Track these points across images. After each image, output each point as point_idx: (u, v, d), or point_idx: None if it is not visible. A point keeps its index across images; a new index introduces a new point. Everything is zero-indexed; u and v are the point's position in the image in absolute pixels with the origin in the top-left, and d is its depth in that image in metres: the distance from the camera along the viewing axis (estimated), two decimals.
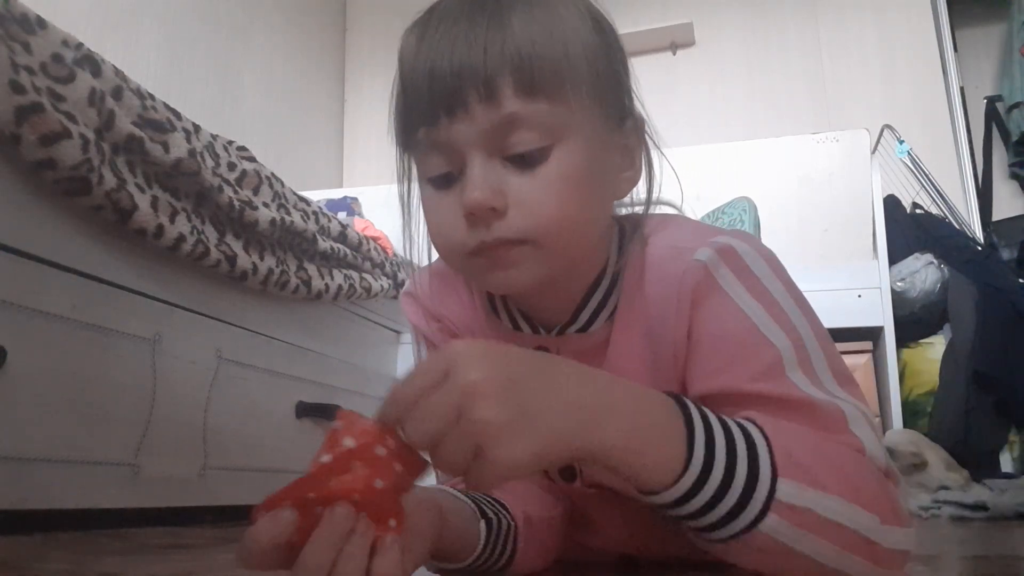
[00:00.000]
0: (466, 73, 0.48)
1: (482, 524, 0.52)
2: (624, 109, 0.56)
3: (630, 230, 0.58)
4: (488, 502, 0.54)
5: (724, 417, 0.44)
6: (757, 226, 1.53)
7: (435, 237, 0.55)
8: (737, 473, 0.41)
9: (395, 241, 2.00)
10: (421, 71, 0.50)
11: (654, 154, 0.57)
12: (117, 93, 1.01)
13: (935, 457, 1.68)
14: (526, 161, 0.49)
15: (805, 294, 0.53)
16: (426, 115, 0.50)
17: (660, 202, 0.59)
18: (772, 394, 0.47)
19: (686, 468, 0.41)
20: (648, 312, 0.54)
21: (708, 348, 0.51)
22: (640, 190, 0.58)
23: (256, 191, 1.28)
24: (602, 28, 0.54)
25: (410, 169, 0.57)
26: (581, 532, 0.65)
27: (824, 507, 0.42)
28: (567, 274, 0.54)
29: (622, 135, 0.55)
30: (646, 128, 0.57)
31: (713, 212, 1.58)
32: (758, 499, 0.41)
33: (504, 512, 0.55)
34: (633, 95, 0.57)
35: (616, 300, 0.57)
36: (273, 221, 1.25)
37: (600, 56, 0.53)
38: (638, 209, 0.59)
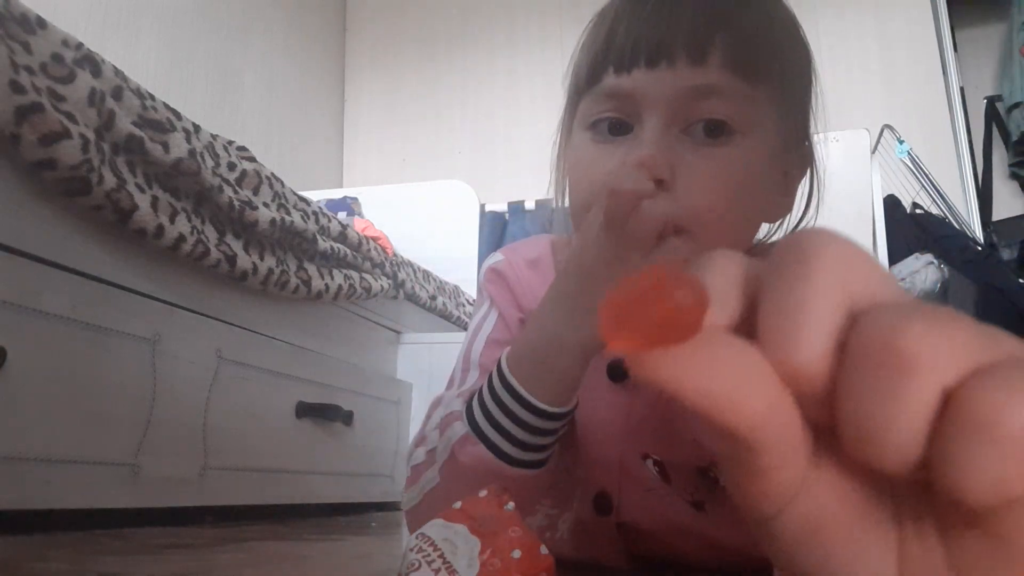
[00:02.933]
0: (683, 29, 0.46)
1: None
2: (804, 133, 0.54)
3: None
4: None
5: None
6: None
7: (581, 194, 0.51)
8: None
9: (395, 241, 2.00)
10: (631, 16, 0.48)
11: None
12: (117, 93, 1.01)
13: None
14: (706, 138, 0.46)
15: None
16: (622, 60, 0.47)
17: None
18: None
19: None
20: None
21: None
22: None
23: (256, 191, 1.28)
24: (808, 47, 0.53)
25: (572, 117, 0.54)
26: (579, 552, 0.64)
27: None
28: None
29: (789, 159, 0.52)
30: (815, 162, 0.54)
31: None
32: None
33: None
34: (812, 125, 0.54)
35: None
36: (273, 221, 1.25)
37: (804, 67, 0.52)
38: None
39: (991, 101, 2.76)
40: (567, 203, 0.55)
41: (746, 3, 0.48)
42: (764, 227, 0.56)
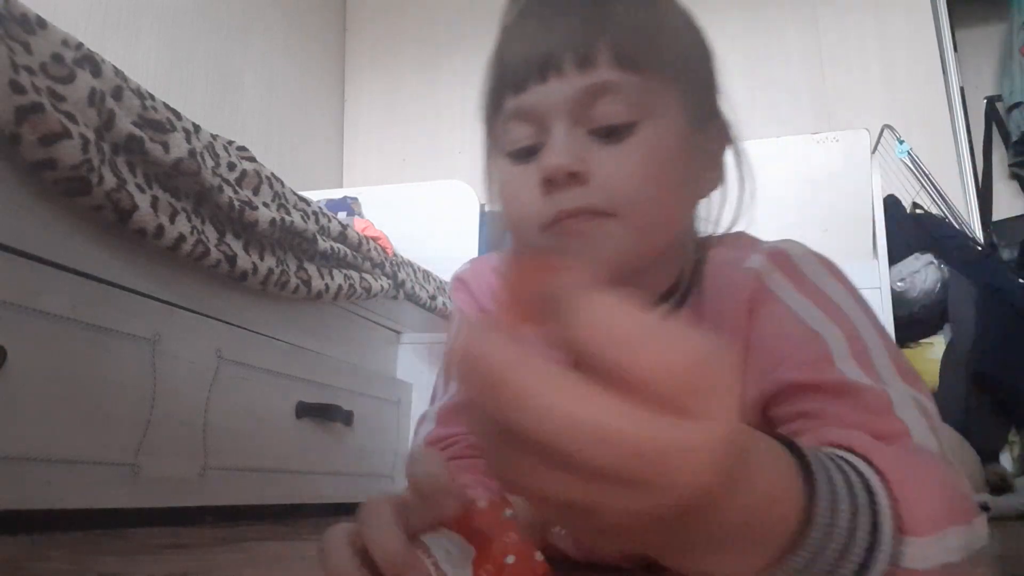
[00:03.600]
0: (564, 38, 0.48)
1: None
2: (711, 110, 0.56)
3: (704, 249, 0.57)
4: None
5: (844, 467, 0.33)
6: None
7: (509, 211, 0.53)
8: (856, 542, 0.31)
9: (395, 241, 2.00)
10: (518, 38, 0.50)
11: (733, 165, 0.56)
12: (117, 93, 1.01)
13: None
14: (612, 133, 0.49)
15: None
16: (517, 81, 0.50)
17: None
18: (813, 381, 0.46)
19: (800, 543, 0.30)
20: (704, 327, 0.53)
21: (761, 352, 0.50)
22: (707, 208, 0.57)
23: (256, 191, 1.28)
24: (696, 27, 0.55)
25: (493, 147, 0.56)
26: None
27: (945, 550, 0.33)
28: (642, 273, 0.53)
29: (705, 136, 0.54)
30: (732, 134, 0.56)
31: None
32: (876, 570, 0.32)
33: None
34: (721, 99, 0.56)
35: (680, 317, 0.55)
36: (273, 221, 1.25)
37: (694, 48, 0.54)
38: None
39: (991, 101, 2.76)
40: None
41: (625, 1, 0.50)
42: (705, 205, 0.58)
